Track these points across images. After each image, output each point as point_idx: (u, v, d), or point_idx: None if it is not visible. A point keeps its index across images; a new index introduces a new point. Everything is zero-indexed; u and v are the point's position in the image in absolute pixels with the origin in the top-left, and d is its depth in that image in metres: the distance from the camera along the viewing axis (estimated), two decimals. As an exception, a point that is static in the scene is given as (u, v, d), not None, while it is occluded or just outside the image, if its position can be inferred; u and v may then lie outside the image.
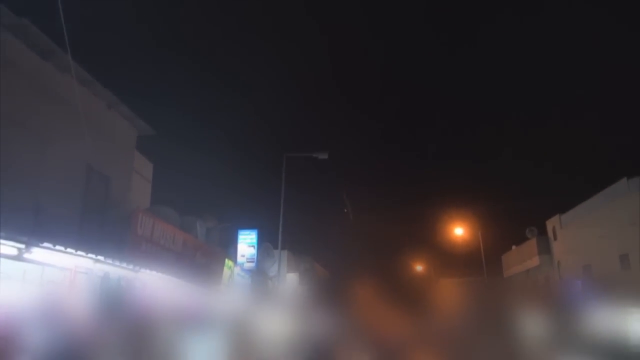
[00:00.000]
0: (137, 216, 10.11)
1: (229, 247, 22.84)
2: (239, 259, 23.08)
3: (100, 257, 8.34)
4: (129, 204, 12.01)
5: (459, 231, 33.41)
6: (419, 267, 60.35)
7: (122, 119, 12.90)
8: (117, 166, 12.42)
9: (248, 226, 24.35)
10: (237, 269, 20.62)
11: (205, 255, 14.07)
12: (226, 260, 17.95)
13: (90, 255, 8.08)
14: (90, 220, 10.45)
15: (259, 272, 25.46)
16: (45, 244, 7.26)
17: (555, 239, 33.74)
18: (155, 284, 10.78)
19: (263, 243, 25.79)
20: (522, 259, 38.91)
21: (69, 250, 7.59)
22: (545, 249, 34.90)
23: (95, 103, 11.57)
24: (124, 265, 9.17)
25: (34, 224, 8.10)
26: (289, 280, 34.45)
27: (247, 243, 23.84)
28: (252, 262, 23.58)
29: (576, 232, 30.01)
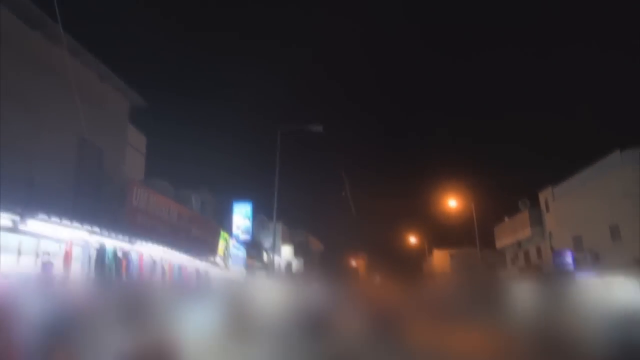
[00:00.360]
0: (132, 188, 10.10)
1: (224, 219, 22.97)
2: (234, 230, 23.23)
3: (96, 229, 8.36)
4: (123, 176, 11.98)
5: (452, 203, 33.64)
6: (412, 239, 61.13)
7: (114, 91, 12.75)
8: (110, 138, 12.33)
9: (243, 198, 24.43)
10: (232, 241, 20.77)
11: (200, 227, 14.13)
12: (221, 232, 18.06)
13: (85, 226, 8.10)
14: (84, 192, 10.42)
15: (253, 244, 25.66)
16: (41, 216, 7.26)
17: (547, 210, 34.09)
18: (151, 255, 10.86)
19: (258, 215, 25.93)
20: (514, 231, 39.38)
21: (64, 221, 7.60)
22: (537, 220, 35.31)
23: (86, 74, 11.40)
24: (120, 237, 9.21)
25: (28, 196, 8.08)
26: (284, 253, 34.81)
27: (242, 215, 23.96)
28: (247, 234, 23.75)
29: (568, 204, 30.32)
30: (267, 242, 26.78)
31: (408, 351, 4.23)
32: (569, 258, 28.51)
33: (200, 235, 14.14)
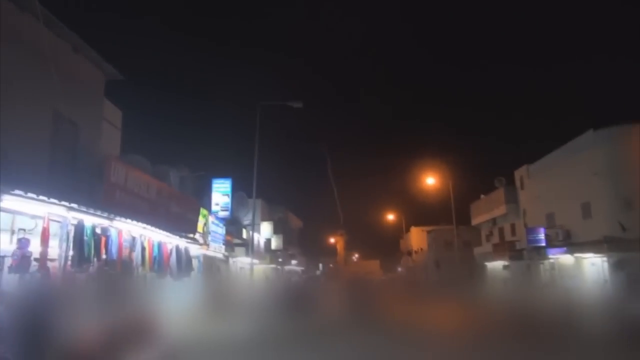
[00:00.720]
0: (110, 163, 9.91)
1: (203, 196, 22.79)
2: (213, 207, 23.10)
3: (74, 205, 8.20)
4: (100, 151, 11.73)
5: (430, 181, 34.02)
6: (391, 216, 61.82)
7: (89, 63, 12.37)
8: (85, 112, 12.01)
9: (222, 175, 24.25)
10: (211, 218, 20.67)
11: (179, 203, 14.00)
12: (200, 208, 17.95)
13: (63, 202, 7.94)
14: (60, 167, 10.19)
15: (233, 220, 25.60)
16: (17, 192, 7.08)
17: (522, 188, 34.80)
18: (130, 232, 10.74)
19: (237, 192, 25.81)
20: (489, 208, 40.16)
21: (41, 197, 7.43)
22: (512, 198, 36.05)
23: (60, 45, 11.01)
24: (98, 213, 9.06)
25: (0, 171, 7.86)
26: (263, 229, 34.84)
27: (221, 192, 23.80)
28: (226, 210, 23.65)
29: (542, 182, 30.98)
30: (246, 219, 26.74)
31: (381, 324, 4.33)
32: (541, 235, 29.29)
33: (180, 212, 14.03)
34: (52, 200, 7.70)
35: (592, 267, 24.37)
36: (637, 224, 22.45)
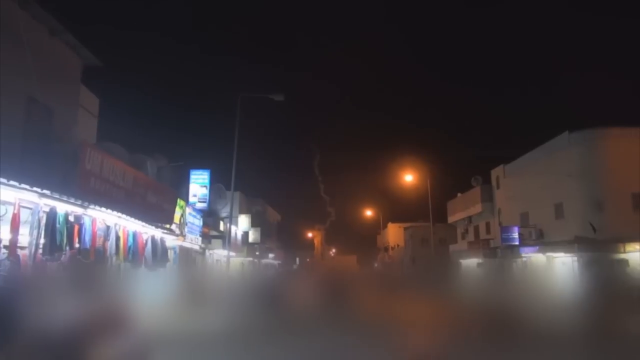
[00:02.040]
0: (85, 150, 9.71)
1: (180, 187, 22.56)
2: (191, 198, 22.91)
3: (46, 191, 8.02)
4: (75, 138, 11.48)
5: (408, 178, 34.33)
6: (369, 212, 62.17)
7: (65, 47, 12.09)
8: (61, 98, 11.75)
9: (200, 166, 24.04)
10: (188, 209, 20.49)
11: (156, 193, 13.83)
12: (178, 199, 17.77)
13: (35, 188, 7.75)
14: (32, 153, 9.94)
15: (210, 212, 25.41)
16: (-14, 176, 6.90)
17: (498, 187, 35.39)
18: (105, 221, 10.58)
19: (215, 184, 25.62)
20: (465, 206, 40.74)
21: (12, 182, 7.25)
22: (488, 197, 36.65)
23: (35, 28, 10.73)
24: (72, 200, 8.88)
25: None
26: (241, 222, 34.68)
27: (199, 183, 23.61)
28: (204, 202, 23.48)
29: (517, 182, 31.56)
30: (224, 211, 26.58)
31: (354, 316, 4.38)
32: (515, 234, 29.86)
33: (156, 202, 13.85)
34: (23, 185, 7.52)
35: (562, 266, 24.96)
36: (607, 225, 23.07)
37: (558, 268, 25.74)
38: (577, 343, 3.52)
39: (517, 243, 29.51)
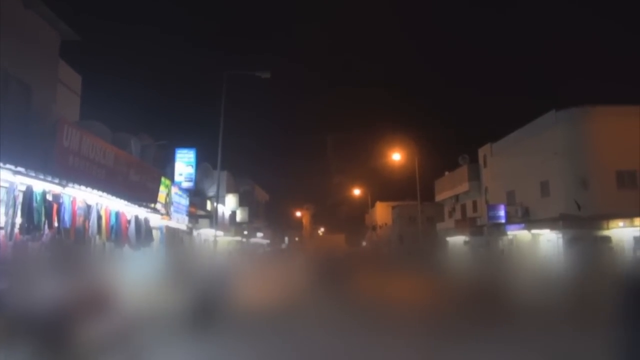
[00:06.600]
0: (63, 127, 9.42)
1: (166, 166, 22.24)
2: (177, 178, 22.62)
3: (21, 169, 7.77)
4: (54, 115, 11.15)
5: (396, 157, 34.30)
6: (357, 191, 62.34)
7: (42, 21, 11.63)
8: (38, 74, 11.36)
9: (186, 145, 23.69)
10: (174, 189, 20.24)
11: (139, 172, 13.57)
12: (162, 178, 17.50)
13: (8, 166, 7.50)
14: (9, 130, 9.63)
15: (197, 192, 25.18)
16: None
17: (485, 166, 35.52)
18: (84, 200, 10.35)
19: (202, 163, 25.32)
20: (453, 185, 40.93)
21: (-16, 160, 7.00)
22: (475, 175, 36.81)
23: (8, 0, 10.29)
24: (49, 178, 8.63)
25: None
26: (228, 202, 34.48)
27: (184, 162, 23.29)
28: (190, 181, 23.20)
29: (504, 160, 31.68)
30: (211, 191, 26.35)
31: (344, 297, 4.31)
32: (501, 212, 30.11)
33: (139, 181, 13.61)
34: (-3, 163, 7.28)
35: (547, 243, 25.27)
36: (592, 203, 23.31)
37: (543, 245, 26.06)
38: (560, 315, 3.57)
39: (503, 221, 29.78)
